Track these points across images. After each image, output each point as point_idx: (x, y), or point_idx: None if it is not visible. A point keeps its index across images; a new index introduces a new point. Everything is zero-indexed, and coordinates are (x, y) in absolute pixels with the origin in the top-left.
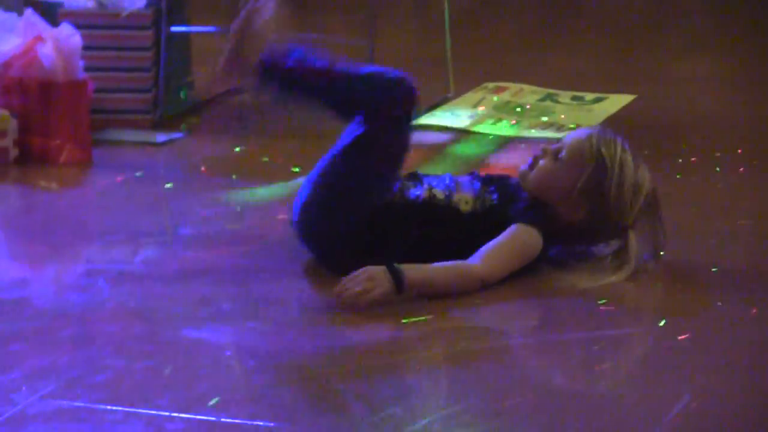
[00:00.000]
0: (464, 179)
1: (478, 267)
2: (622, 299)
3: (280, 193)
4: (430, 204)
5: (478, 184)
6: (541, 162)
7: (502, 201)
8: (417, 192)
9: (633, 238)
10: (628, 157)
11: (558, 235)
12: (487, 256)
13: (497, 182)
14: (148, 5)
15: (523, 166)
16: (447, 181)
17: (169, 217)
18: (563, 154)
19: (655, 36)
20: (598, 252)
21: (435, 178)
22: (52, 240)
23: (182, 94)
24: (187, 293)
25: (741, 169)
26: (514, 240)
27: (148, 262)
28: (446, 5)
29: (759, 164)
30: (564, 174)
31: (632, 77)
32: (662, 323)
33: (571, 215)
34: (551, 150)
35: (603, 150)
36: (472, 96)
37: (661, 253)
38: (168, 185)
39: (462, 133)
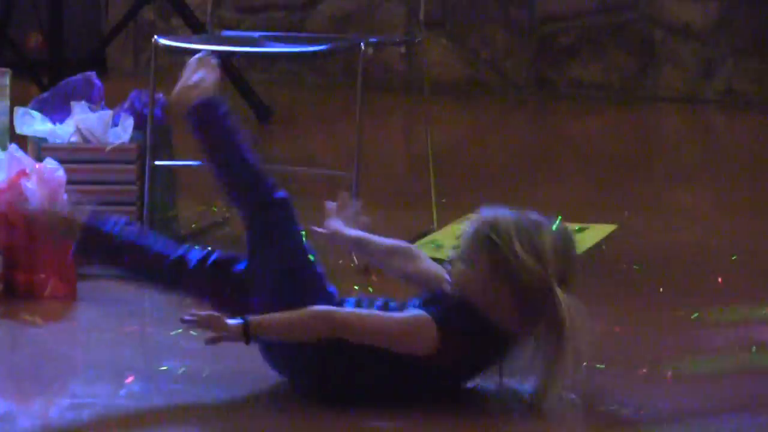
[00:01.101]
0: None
1: (335, 313)
2: None
3: None
4: None
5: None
6: (453, 270)
7: (421, 304)
8: None
9: (560, 295)
10: (519, 225)
11: (493, 343)
12: (355, 312)
13: (432, 293)
14: (132, 140)
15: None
16: (389, 304)
17: (154, 351)
18: (462, 253)
19: (642, 166)
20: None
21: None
22: (37, 375)
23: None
24: (172, 429)
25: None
26: (395, 316)
27: (133, 396)
28: (428, 139)
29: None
30: (470, 272)
31: (617, 206)
32: None
33: (501, 317)
34: (456, 255)
35: (490, 233)
36: (455, 227)
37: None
38: (150, 318)
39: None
